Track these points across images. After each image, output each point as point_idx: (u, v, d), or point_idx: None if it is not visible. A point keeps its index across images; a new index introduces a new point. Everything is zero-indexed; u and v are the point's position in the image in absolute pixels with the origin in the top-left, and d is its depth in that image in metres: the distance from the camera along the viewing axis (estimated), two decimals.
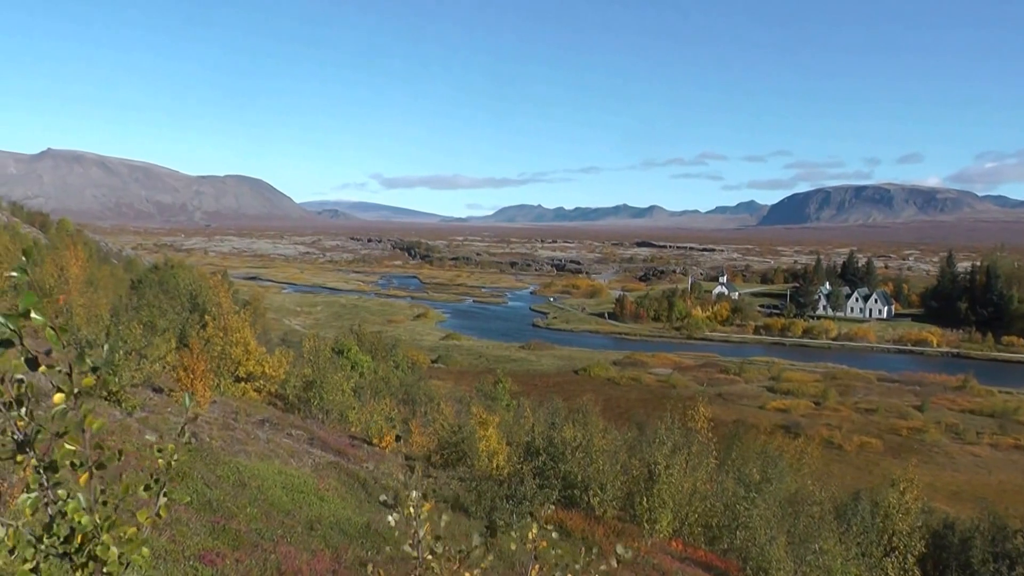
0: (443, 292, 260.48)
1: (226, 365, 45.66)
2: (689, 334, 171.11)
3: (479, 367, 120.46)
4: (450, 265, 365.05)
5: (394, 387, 64.09)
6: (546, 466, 36.10)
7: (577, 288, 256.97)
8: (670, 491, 34.21)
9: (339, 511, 24.54)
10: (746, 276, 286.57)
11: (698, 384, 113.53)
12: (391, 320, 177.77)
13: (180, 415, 30.69)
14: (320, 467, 31.07)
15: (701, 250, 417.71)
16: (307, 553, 19.46)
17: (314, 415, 43.93)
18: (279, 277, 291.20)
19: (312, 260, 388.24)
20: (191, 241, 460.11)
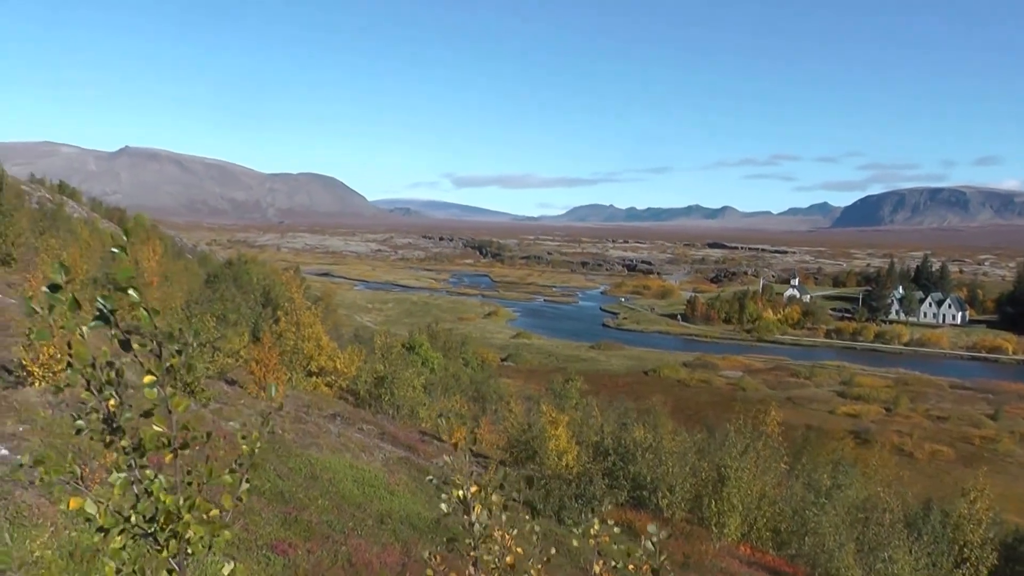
0: (514, 291, 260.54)
1: (298, 360, 46.35)
2: (760, 337, 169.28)
3: (549, 366, 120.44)
4: (521, 264, 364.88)
5: (464, 384, 64.54)
6: (615, 466, 36.16)
7: (648, 288, 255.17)
8: (739, 494, 34.06)
9: (409, 506, 24.86)
10: (818, 279, 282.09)
11: (768, 387, 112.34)
12: (462, 318, 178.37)
13: (252, 407, 31.36)
14: (390, 462, 31.45)
15: (773, 252, 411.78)
16: (377, 546, 19.79)
17: (385, 410, 44.40)
18: (351, 274, 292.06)
19: (384, 258, 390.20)
20: (264, 237, 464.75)
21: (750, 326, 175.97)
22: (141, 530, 4.34)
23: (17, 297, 36.70)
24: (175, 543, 4.38)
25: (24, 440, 18.20)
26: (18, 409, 20.16)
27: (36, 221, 65.34)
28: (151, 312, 4.04)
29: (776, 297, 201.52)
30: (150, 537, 4.37)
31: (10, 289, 38.70)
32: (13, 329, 28.47)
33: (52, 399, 21.48)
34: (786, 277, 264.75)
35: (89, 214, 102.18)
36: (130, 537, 4.31)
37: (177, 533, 4.36)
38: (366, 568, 18.23)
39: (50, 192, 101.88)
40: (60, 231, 63.22)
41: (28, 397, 21.23)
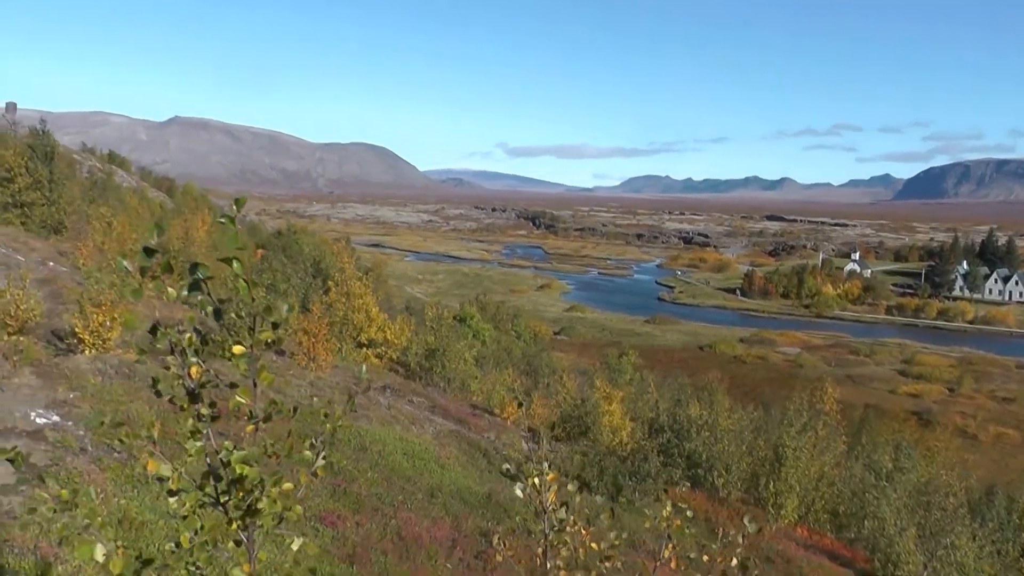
0: (567, 263, 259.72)
1: (348, 331, 46.45)
2: (819, 312, 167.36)
3: (603, 340, 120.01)
4: (575, 236, 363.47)
5: (516, 358, 64.46)
6: (670, 444, 35.85)
7: (704, 262, 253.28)
8: (797, 475, 33.69)
9: (460, 480, 24.83)
10: (879, 253, 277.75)
11: (827, 364, 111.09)
12: (514, 290, 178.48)
13: (301, 379, 31.49)
14: (441, 435, 31.44)
15: (833, 225, 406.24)
16: (427, 520, 19.76)
17: (435, 383, 44.39)
18: (402, 245, 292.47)
19: (435, 228, 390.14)
20: (314, 207, 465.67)
21: (809, 301, 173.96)
22: (211, 499, 4.38)
23: (68, 265, 37.08)
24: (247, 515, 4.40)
25: (75, 407, 18.40)
26: (69, 376, 20.37)
27: (87, 190, 66.09)
28: (250, 284, 4.07)
29: (836, 271, 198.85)
30: (220, 507, 4.40)
31: (61, 257, 39.12)
32: (64, 297, 28.77)
33: (101, 367, 21.66)
34: (846, 251, 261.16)
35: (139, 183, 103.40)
36: (199, 505, 4.37)
37: (251, 506, 4.38)
38: (416, 542, 18.21)
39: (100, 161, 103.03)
40: (110, 200, 63.87)
41: (79, 364, 21.45)
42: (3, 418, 16.48)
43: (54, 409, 17.98)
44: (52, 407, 18.09)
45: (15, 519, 12.41)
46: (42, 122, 50.62)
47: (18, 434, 15.92)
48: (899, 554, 28.48)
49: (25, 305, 22.46)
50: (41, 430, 16.55)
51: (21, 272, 24.85)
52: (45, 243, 42.06)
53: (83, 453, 16.17)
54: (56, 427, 17.01)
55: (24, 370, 19.96)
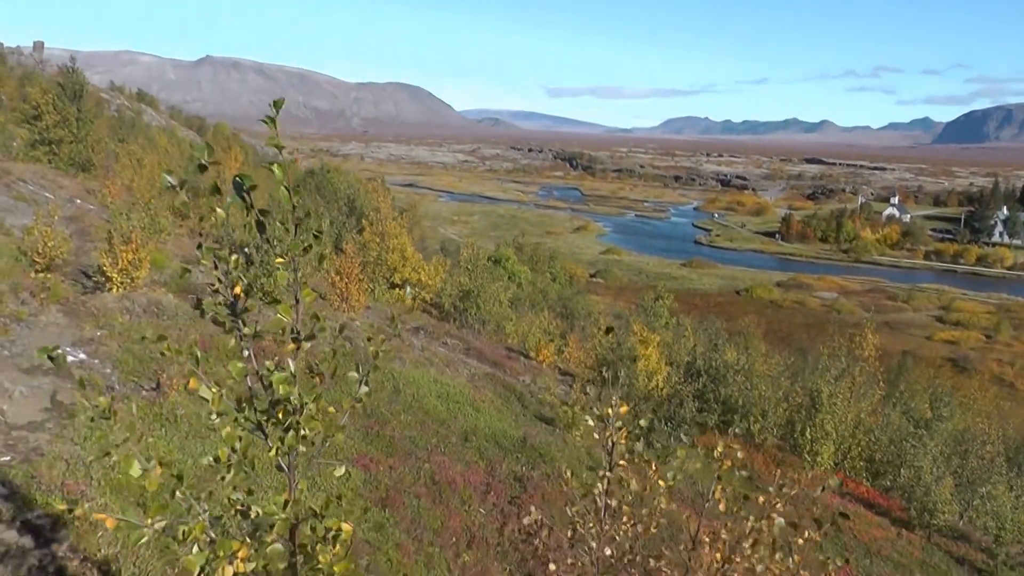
0: (604, 205, 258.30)
1: (381, 271, 46.22)
2: (856, 257, 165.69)
3: (639, 283, 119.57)
4: (612, 177, 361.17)
5: (552, 300, 64.14)
6: (706, 389, 35.50)
7: (742, 205, 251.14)
8: (833, 421, 33.27)
9: (494, 423, 24.63)
10: (918, 198, 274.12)
11: (864, 310, 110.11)
12: (550, 232, 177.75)
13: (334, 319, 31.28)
14: (476, 378, 31.25)
15: (872, 169, 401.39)
16: (461, 464, 19.60)
17: (470, 325, 44.20)
18: (437, 185, 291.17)
19: (471, 169, 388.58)
20: (347, 147, 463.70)
21: (847, 246, 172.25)
22: (252, 423, 4.32)
23: (96, 203, 36.99)
24: (289, 438, 4.29)
25: (102, 345, 18.31)
26: (96, 314, 20.25)
27: (115, 128, 66.07)
28: (291, 190, 4.07)
29: (874, 216, 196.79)
30: (260, 431, 4.34)
31: (89, 195, 39.05)
32: (92, 235, 28.66)
33: (128, 305, 21.53)
34: (885, 195, 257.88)
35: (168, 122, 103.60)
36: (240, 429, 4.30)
37: (291, 429, 4.29)
38: (449, 486, 18.05)
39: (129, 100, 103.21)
40: (139, 138, 63.79)
41: (106, 302, 21.32)
42: (30, 355, 16.35)
43: (81, 347, 17.86)
44: (79, 344, 17.98)
45: (42, 456, 12.33)
46: (72, 60, 50.44)
47: (44, 372, 15.82)
48: (935, 503, 28.16)
49: (53, 242, 22.31)
50: (68, 368, 16.40)
51: (49, 209, 24.65)
52: (73, 181, 42.03)
53: (111, 391, 16.00)
54: (83, 364, 16.92)
55: (51, 308, 19.84)
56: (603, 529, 5.94)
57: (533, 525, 6.20)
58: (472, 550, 15.67)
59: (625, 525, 5.98)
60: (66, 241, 23.45)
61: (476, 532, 16.47)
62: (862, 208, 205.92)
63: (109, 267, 21.81)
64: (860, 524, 26.96)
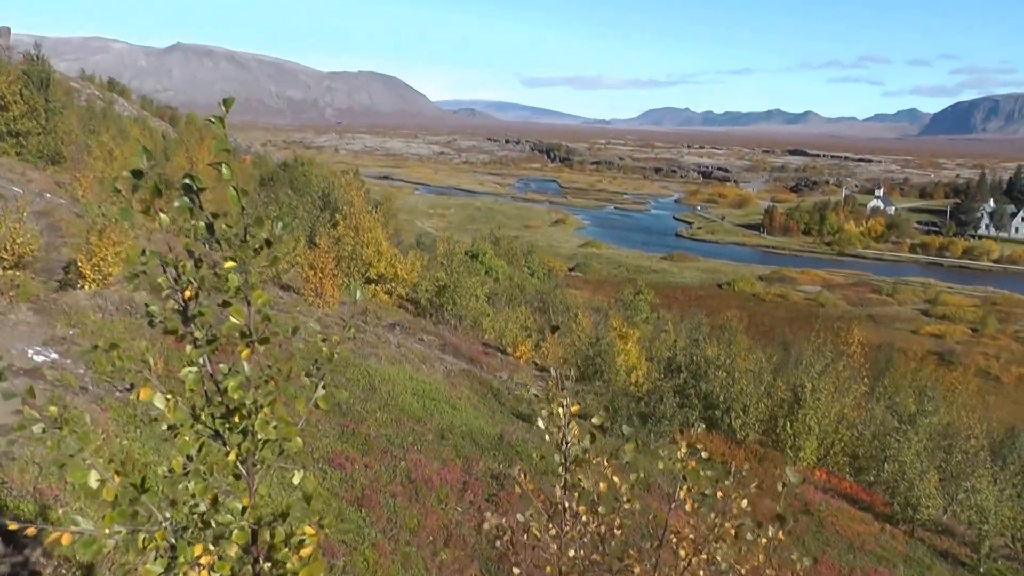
0: (583, 198, 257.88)
1: (356, 266, 46.28)
2: (840, 250, 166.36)
3: (618, 277, 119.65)
4: (591, 170, 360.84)
5: (529, 295, 64.29)
6: (687, 384, 35.77)
7: (724, 197, 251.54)
8: (816, 416, 33.63)
9: (471, 421, 24.83)
10: (904, 190, 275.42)
11: (848, 304, 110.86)
12: (528, 225, 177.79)
13: (309, 315, 31.34)
14: (452, 374, 31.42)
15: (857, 160, 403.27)
16: (438, 462, 19.77)
17: (446, 320, 44.30)
18: (412, 177, 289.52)
19: (447, 161, 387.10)
20: (322, 138, 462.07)
21: (831, 239, 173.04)
22: (210, 430, 4.32)
23: (67, 197, 36.88)
24: (246, 443, 4.31)
25: (74, 344, 18.32)
26: (67, 312, 20.25)
27: (85, 119, 65.69)
28: (240, 192, 4.02)
29: (859, 208, 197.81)
30: (219, 439, 4.34)
31: (59, 189, 38.93)
32: (63, 230, 28.62)
33: (101, 303, 21.54)
34: (870, 187, 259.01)
35: (140, 112, 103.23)
36: (196, 437, 4.28)
37: (247, 433, 4.29)
38: (426, 484, 18.22)
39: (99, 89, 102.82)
40: (110, 129, 63.47)
41: (78, 300, 21.33)
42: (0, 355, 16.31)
43: (52, 346, 17.87)
44: (51, 344, 17.98)
45: (14, 460, 12.33)
46: (36, 47, 50.12)
47: (15, 372, 15.76)
48: (919, 498, 28.52)
49: (22, 239, 22.27)
50: (39, 368, 16.44)
51: (18, 204, 24.59)
52: (42, 174, 41.86)
53: (84, 392, 16.11)
54: (55, 365, 16.90)
55: (21, 306, 19.79)
56: (563, 531, 5.95)
57: (494, 530, 6.22)
58: (449, 549, 15.85)
59: (590, 526, 5.97)
60: (36, 237, 23.43)
61: (453, 531, 16.64)
62: (846, 200, 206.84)
63: (84, 263, 21.79)
64: (843, 519, 27.32)
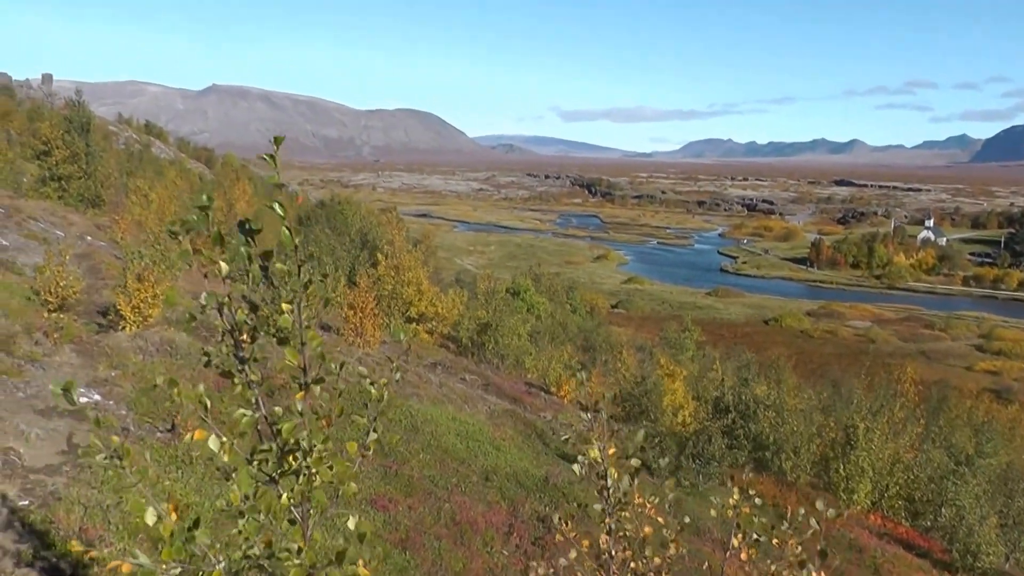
0: (625, 232, 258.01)
1: (397, 305, 46.56)
2: (890, 283, 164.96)
3: (662, 313, 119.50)
4: (633, 204, 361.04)
5: (572, 333, 64.23)
6: (735, 425, 35.55)
7: (769, 230, 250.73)
8: (869, 458, 33.25)
9: (516, 462, 24.76)
10: (955, 220, 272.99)
11: (899, 340, 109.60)
12: (569, 261, 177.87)
13: (349, 355, 31.52)
14: (495, 415, 31.38)
15: (906, 190, 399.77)
16: (482, 504, 19.74)
17: (488, 359, 44.37)
18: (451, 215, 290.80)
19: (486, 197, 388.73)
20: (358, 177, 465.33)
21: (880, 272, 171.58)
22: (264, 475, 4.37)
23: (106, 240, 37.51)
24: (300, 485, 4.37)
25: (116, 385, 18.62)
26: (109, 354, 20.57)
27: (123, 162, 66.93)
28: (292, 230, 4.02)
29: (909, 240, 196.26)
30: (273, 483, 4.39)
31: (99, 231, 39.60)
32: (104, 272, 29.09)
33: (142, 344, 21.88)
34: (920, 218, 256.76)
35: (176, 154, 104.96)
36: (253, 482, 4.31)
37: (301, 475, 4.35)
38: (471, 527, 18.21)
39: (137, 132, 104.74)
40: (147, 172, 64.57)
41: (119, 342, 21.67)
42: (45, 397, 16.70)
43: (95, 387, 18.18)
44: (93, 385, 18.30)
45: (60, 500, 12.61)
46: (78, 93, 51.27)
47: (60, 414, 16.13)
48: (979, 544, 28.09)
49: (65, 282, 22.72)
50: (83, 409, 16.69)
51: (61, 248, 25.10)
52: (83, 217, 42.62)
53: (126, 433, 16.38)
54: (98, 406, 17.22)
55: (65, 348, 20.18)
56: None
57: None
58: None
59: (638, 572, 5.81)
60: (78, 280, 23.86)
61: (499, 575, 16.65)
62: (895, 232, 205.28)
63: (124, 305, 22.18)
64: (899, 566, 26.98)
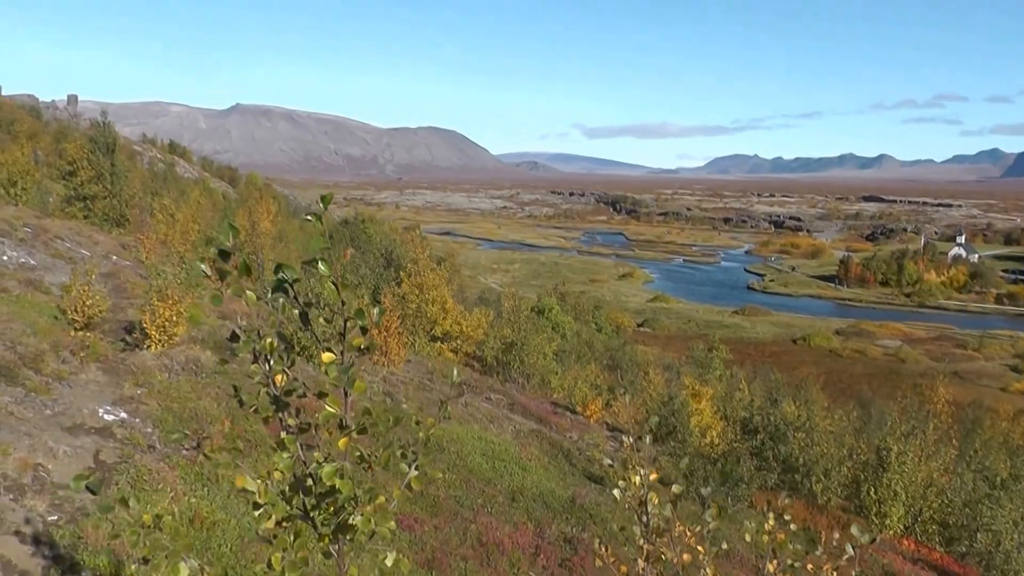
0: (650, 250, 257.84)
1: (421, 324, 46.67)
2: (921, 301, 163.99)
3: (689, 332, 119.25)
4: (658, 221, 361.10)
5: (598, 352, 64.19)
6: (764, 446, 35.39)
7: (796, 247, 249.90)
8: (902, 481, 32.95)
9: (542, 483, 24.74)
10: (987, 236, 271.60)
11: (931, 359, 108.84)
12: (594, 279, 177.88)
13: (373, 374, 31.64)
14: (521, 434, 31.38)
15: (936, 205, 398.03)
16: (509, 525, 19.73)
17: (514, 379, 44.36)
18: (475, 232, 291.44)
19: (510, 215, 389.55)
20: (382, 195, 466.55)
21: (910, 290, 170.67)
22: (300, 512, 4.43)
23: (131, 259, 37.86)
24: (338, 523, 4.44)
25: (142, 403, 18.80)
26: (135, 372, 20.78)
27: (148, 181, 67.73)
28: (339, 286, 4.06)
29: (939, 257, 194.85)
30: (309, 520, 4.45)
31: (124, 251, 39.98)
32: (128, 291, 29.34)
33: (167, 362, 22.07)
34: (951, 234, 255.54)
35: (200, 173, 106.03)
36: (288, 519, 4.41)
37: (342, 520, 4.41)
38: (497, 548, 18.18)
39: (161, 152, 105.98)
40: (171, 191, 65.25)
41: (144, 360, 21.86)
42: (72, 414, 16.91)
43: (121, 405, 18.36)
44: (120, 403, 18.47)
45: (88, 516, 12.79)
46: (103, 114, 51.95)
47: (87, 430, 16.33)
48: (1017, 571, 27.81)
49: (91, 301, 22.96)
50: (110, 427, 16.97)
51: (87, 267, 25.39)
52: (108, 236, 43.08)
53: (151, 450, 16.55)
54: (124, 424, 17.39)
55: (91, 366, 20.40)
56: None
57: None
58: None
59: None
60: (104, 299, 24.10)
61: None
62: (926, 248, 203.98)
63: (148, 324, 22.39)
64: None
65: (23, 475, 13.75)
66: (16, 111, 75.07)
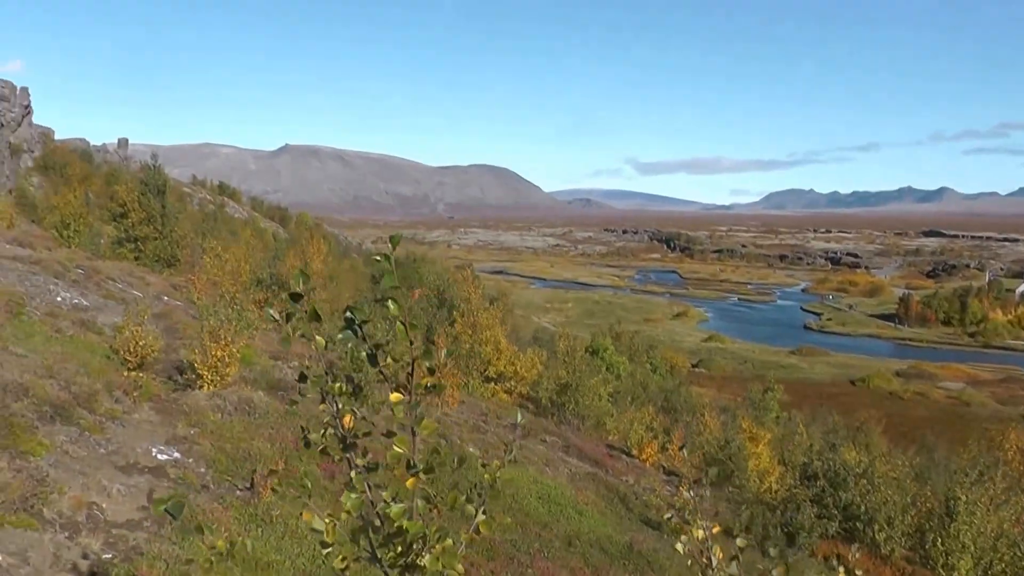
0: (705, 288, 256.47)
1: (475, 364, 46.71)
2: (986, 342, 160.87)
3: (744, 373, 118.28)
4: (712, 258, 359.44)
5: (652, 393, 63.81)
6: (824, 493, 34.89)
7: (854, 285, 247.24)
8: (971, 531, 32.27)
9: (598, 527, 24.64)
10: None
11: (997, 402, 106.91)
12: (648, 319, 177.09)
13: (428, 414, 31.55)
14: (577, 478, 31.29)
15: (1001, 240, 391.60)
16: (566, 571, 19.66)
17: (568, 420, 44.21)
18: (527, 271, 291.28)
19: (562, 253, 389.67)
20: (433, 234, 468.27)
21: (974, 329, 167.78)
22: (368, 552, 4.45)
23: (183, 299, 38.40)
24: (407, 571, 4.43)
25: (195, 443, 19.03)
26: (187, 412, 21.03)
27: (198, 222, 68.87)
28: (408, 326, 4.16)
29: (1006, 294, 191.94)
30: (377, 562, 4.45)
31: (175, 291, 40.60)
32: (180, 332, 29.70)
33: (220, 403, 22.29)
34: (1018, 270, 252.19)
35: (250, 213, 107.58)
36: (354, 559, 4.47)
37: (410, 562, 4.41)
38: None
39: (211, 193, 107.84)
40: (222, 232, 66.22)
41: (197, 400, 22.12)
42: (126, 453, 17.14)
43: (175, 445, 18.58)
44: (173, 443, 18.70)
45: (142, 555, 12.97)
46: (153, 156, 53.15)
47: (140, 470, 16.56)
48: None
49: (144, 341, 23.29)
50: (163, 466, 17.20)
51: (139, 308, 25.82)
52: (159, 277, 43.89)
53: (205, 490, 16.74)
54: (177, 463, 17.63)
55: (144, 405, 20.68)
56: None
57: None
58: None
59: None
60: (156, 339, 24.44)
61: None
62: (991, 285, 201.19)
63: (200, 364, 22.66)
64: None
65: (78, 513, 13.99)
66: (68, 155, 76.71)
